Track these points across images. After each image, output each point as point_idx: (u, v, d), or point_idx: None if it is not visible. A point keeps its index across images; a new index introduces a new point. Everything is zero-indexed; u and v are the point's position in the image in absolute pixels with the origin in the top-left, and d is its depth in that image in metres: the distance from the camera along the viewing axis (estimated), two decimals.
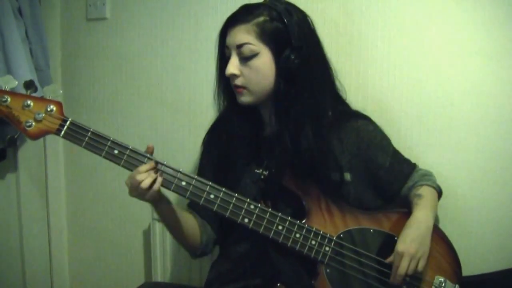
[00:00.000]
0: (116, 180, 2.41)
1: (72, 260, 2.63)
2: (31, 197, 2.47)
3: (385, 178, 1.68)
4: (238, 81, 1.58)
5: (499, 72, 1.76)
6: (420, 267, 1.50)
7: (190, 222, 1.69)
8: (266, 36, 1.55)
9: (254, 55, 1.56)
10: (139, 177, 1.47)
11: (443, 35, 1.82)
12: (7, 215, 2.40)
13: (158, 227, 2.22)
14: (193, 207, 1.71)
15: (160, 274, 2.27)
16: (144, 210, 2.27)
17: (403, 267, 1.49)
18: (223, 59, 1.63)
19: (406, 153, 1.76)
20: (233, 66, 1.57)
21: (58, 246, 2.60)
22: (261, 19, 1.56)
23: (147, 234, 2.36)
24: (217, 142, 1.74)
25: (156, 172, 1.50)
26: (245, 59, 1.57)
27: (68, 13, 2.48)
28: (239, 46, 1.56)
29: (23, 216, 2.43)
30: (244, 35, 1.55)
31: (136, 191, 1.48)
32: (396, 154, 1.72)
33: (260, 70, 1.57)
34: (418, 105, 1.87)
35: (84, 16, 2.44)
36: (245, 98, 1.61)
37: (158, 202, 1.55)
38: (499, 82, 1.76)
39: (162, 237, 2.23)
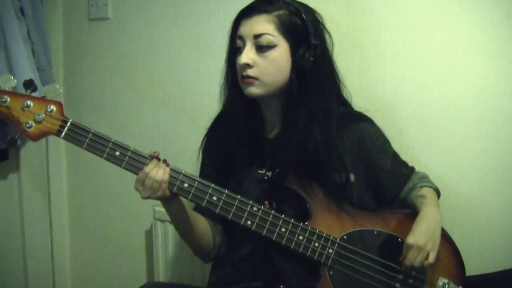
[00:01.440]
0: (118, 180, 2.41)
1: (74, 260, 2.64)
2: (33, 197, 2.47)
3: (386, 180, 1.68)
4: (251, 72, 1.55)
5: (500, 72, 1.76)
6: (431, 259, 1.49)
7: (201, 223, 1.67)
8: (285, 29, 1.54)
9: (272, 46, 1.54)
10: (152, 174, 1.47)
11: (445, 36, 1.82)
12: (9, 215, 2.40)
13: (160, 227, 2.23)
14: (200, 209, 1.66)
15: (162, 274, 2.27)
16: (146, 210, 2.27)
17: (410, 258, 1.48)
18: (233, 50, 1.61)
19: (408, 153, 1.77)
20: (248, 56, 1.54)
21: (60, 246, 2.60)
22: (281, 12, 1.55)
23: (149, 234, 2.36)
24: (218, 140, 1.73)
25: (167, 165, 1.51)
26: (261, 50, 1.54)
27: (70, 13, 2.48)
28: (257, 36, 1.54)
29: (25, 216, 2.43)
30: (264, 25, 1.54)
31: (150, 188, 1.48)
32: (396, 157, 1.72)
33: (276, 62, 1.55)
34: (420, 105, 1.87)
35: (86, 16, 2.44)
36: (255, 90, 1.57)
37: (169, 199, 1.53)
38: (501, 83, 1.77)
39: (164, 237, 2.23)
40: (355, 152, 1.64)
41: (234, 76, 1.62)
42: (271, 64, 1.54)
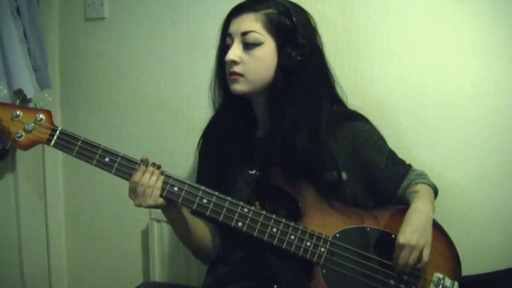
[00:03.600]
0: (114, 179, 2.38)
1: (70, 260, 2.63)
2: (29, 197, 2.47)
3: (381, 179, 1.67)
4: (237, 68, 1.57)
5: (498, 72, 1.76)
6: (425, 256, 1.49)
7: (200, 226, 1.68)
8: (273, 27, 1.56)
9: (258, 44, 1.56)
10: (143, 181, 1.48)
11: (441, 35, 1.82)
12: (6, 215, 2.40)
13: (157, 227, 2.23)
14: (196, 213, 1.65)
15: (159, 274, 2.27)
16: (143, 210, 2.25)
17: (403, 258, 1.47)
18: (223, 48, 1.63)
19: (404, 153, 1.76)
20: (234, 52, 1.57)
21: (56, 246, 2.60)
22: (270, 10, 1.57)
23: (145, 234, 2.36)
24: (211, 145, 1.75)
25: (161, 172, 1.51)
26: (248, 47, 1.56)
27: (66, 13, 2.47)
28: (244, 34, 1.56)
29: (21, 216, 2.42)
30: (251, 23, 1.56)
31: (142, 195, 1.49)
32: (392, 155, 1.71)
33: (261, 60, 1.56)
34: (417, 105, 1.86)
35: (82, 16, 2.44)
36: (239, 87, 1.59)
37: (165, 205, 1.53)
38: (498, 82, 1.77)
39: (160, 237, 2.23)
40: (349, 151, 1.64)
41: (224, 74, 1.63)
42: (256, 61, 1.56)
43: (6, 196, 2.39)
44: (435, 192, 1.70)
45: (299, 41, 1.56)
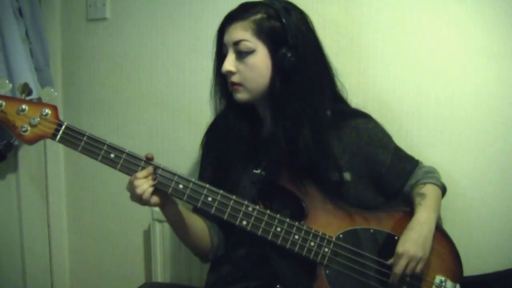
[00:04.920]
0: (116, 180, 2.39)
1: (73, 260, 2.64)
2: (31, 198, 2.47)
3: (387, 176, 1.67)
4: (234, 78, 1.58)
5: (499, 72, 1.76)
6: (418, 269, 1.51)
7: (199, 224, 1.68)
8: (263, 33, 1.55)
9: (250, 52, 1.55)
10: (137, 182, 1.47)
11: (444, 35, 1.82)
12: (8, 216, 2.40)
13: (159, 227, 2.23)
14: (198, 210, 1.65)
15: (160, 274, 2.27)
16: (145, 211, 2.26)
17: (400, 267, 1.49)
18: (220, 57, 1.63)
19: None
20: (229, 63, 1.57)
21: (59, 247, 2.60)
22: (258, 16, 1.56)
23: (147, 234, 2.36)
24: (215, 143, 1.75)
25: (154, 179, 1.50)
26: (241, 56, 1.56)
27: (68, 14, 2.48)
28: (236, 43, 1.56)
29: (23, 217, 2.43)
30: (240, 32, 1.55)
31: (134, 196, 1.49)
32: (398, 151, 1.71)
33: (256, 67, 1.56)
34: (419, 105, 1.86)
35: (84, 16, 2.44)
36: (241, 95, 1.60)
37: (162, 206, 1.54)
38: (500, 82, 1.76)
39: (162, 238, 2.23)
40: (354, 150, 1.64)
41: (224, 80, 1.64)
42: (251, 69, 1.56)
43: (8, 196, 2.39)
44: (444, 190, 1.70)
45: (291, 42, 1.55)
